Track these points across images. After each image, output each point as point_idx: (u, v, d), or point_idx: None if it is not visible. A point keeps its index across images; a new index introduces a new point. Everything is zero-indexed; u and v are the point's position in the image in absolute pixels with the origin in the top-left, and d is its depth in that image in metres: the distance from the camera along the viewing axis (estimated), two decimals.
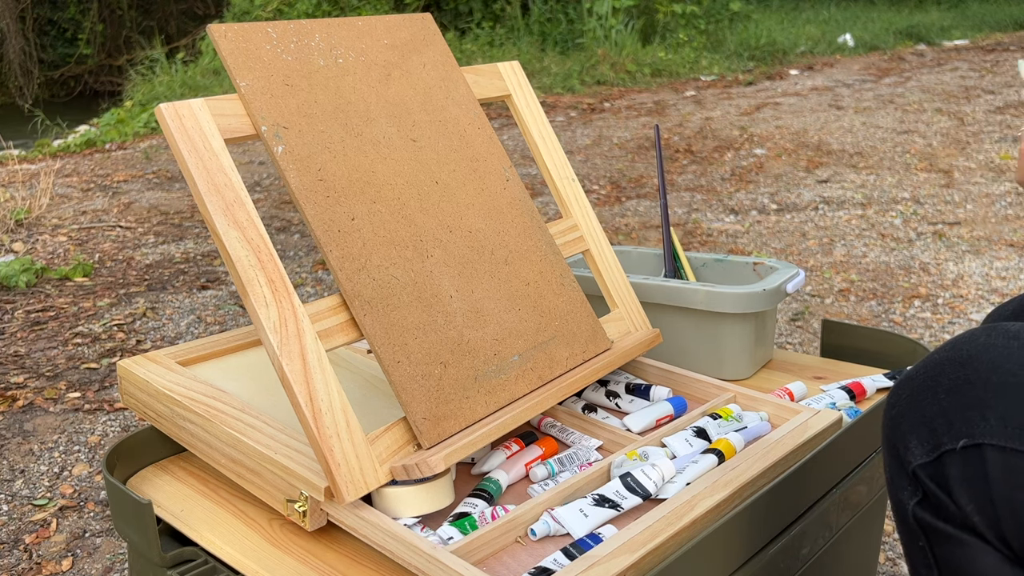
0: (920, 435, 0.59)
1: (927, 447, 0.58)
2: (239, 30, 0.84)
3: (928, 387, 0.59)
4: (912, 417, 0.59)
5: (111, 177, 4.21)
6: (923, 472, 0.59)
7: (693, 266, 1.25)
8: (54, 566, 1.40)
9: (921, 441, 0.59)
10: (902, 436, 0.60)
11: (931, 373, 0.59)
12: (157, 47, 7.66)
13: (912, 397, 0.60)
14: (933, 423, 0.58)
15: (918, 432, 0.59)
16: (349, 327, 0.79)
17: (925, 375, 0.60)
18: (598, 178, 3.89)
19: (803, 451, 0.84)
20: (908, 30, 8.98)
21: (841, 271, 2.63)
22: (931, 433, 0.58)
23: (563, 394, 0.87)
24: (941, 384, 0.58)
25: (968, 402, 0.56)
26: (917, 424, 0.59)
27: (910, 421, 0.59)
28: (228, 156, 0.78)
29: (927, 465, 0.58)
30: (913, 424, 0.59)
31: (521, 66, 1.10)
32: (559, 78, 6.46)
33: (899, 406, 0.61)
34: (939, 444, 0.57)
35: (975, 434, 0.55)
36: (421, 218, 0.87)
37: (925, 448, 0.58)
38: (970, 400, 0.56)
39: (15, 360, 2.18)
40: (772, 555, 0.80)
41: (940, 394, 0.58)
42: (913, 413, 0.59)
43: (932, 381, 0.59)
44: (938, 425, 0.57)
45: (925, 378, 0.60)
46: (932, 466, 0.58)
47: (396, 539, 0.71)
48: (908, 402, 0.60)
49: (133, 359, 0.98)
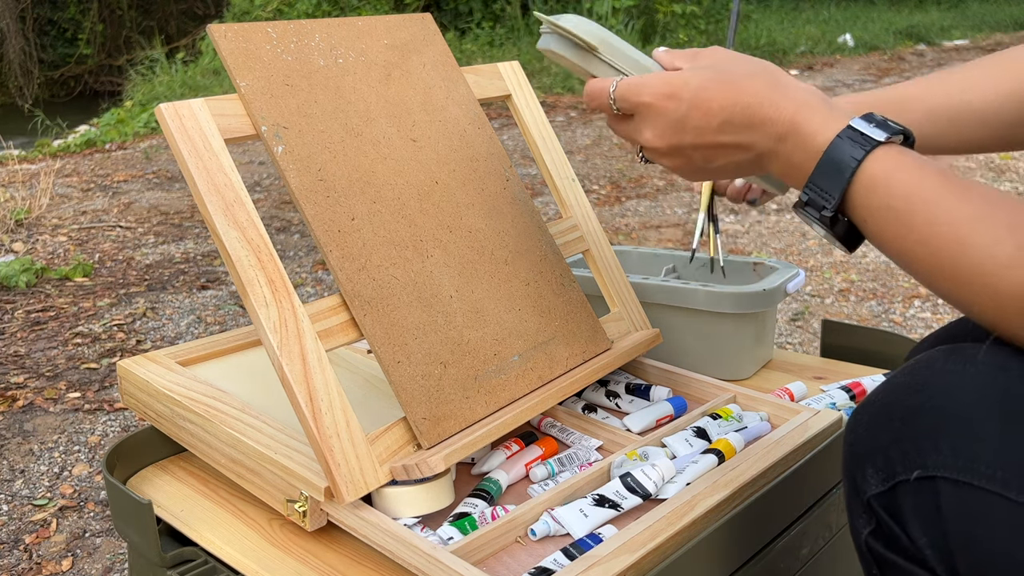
0: (876, 463, 0.57)
1: (882, 476, 0.56)
2: (239, 30, 0.84)
3: (884, 414, 0.57)
4: (868, 445, 0.58)
5: (111, 177, 4.21)
6: (877, 502, 0.57)
7: (694, 266, 1.25)
8: (54, 566, 1.40)
9: (876, 470, 0.57)
10: (859, 464, 0.58)
11: (888, 400, 0.57)
12: (157, 47, 7.66)
13: (869, 424, 0.58)
14: (888, 452, 0.56)
15: (873, 460, 0.57)
16: (349, 327, 0.79)
17: (882, 401, 0.58)
18: (598, 178, 3.89)
19: (803, 451, 0.84)
20: (908, 30, 8.98)
21: (841, 271, 2.63)
22: (886, 462, 0.56)
23: (563, 394, 0.87)
24: (896, 411, 0.56)
25: (922, 431, 0.54)
26: (873, 452, 0.57)
27: (866, 448, 0.58)
28: (228, 156, 0.78)
29: (882, 495, 0.57)
30: (869, 452, 0.57)
31: (521, 66, 1.10)
32: (559, 78, 6.47)
33: (856, 432, 0.59)
34: (894, 474, 0.56)
35: (928, 465, 0.53)
36: (421, 218, 0.87)
37: (880, 477, 0.57)
38: (924, 429, 0.54)
39: (15, 360, 2.18)
40: (772, 555, 0.80)
41: (895, 422, 0.56)
42: (869, 441, 0.58)
43: (888, 408, 0.57)
44: (892, 454, 0.56)
45: (882, 405, 0.58)
46: (886, 496, 0.56)
47: (396, 539, 0.71)
48: (865, 429, 0.58)
49: (133, 359, 0.98)
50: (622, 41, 0.73)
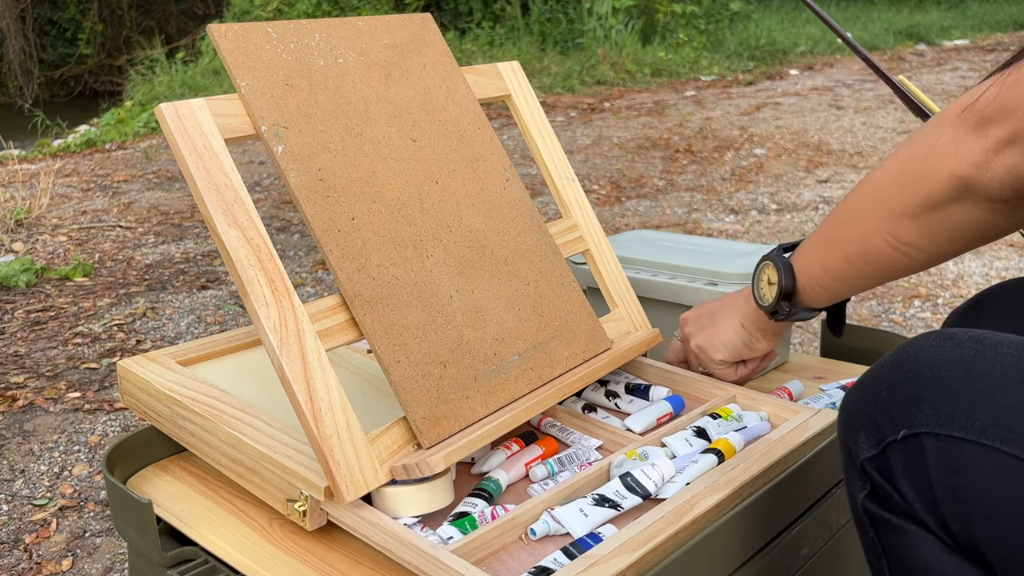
0: (867, 431, 0.63)
1: (873, 440, 0.62)
2: (239, 30, 0.84)
3: (872, 387, 0.63)
4: (860, 415, 0.64)
5: (111, 177, 4.21)
6: (870, 465, 0.63)
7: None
8: (54, 566, 1.40)
9: (868, 436, 0.63)
10: (852, 434, 0.64)
11: (875, 375, 0.64)
12: (157, 47, 7.66)
13: (860, 398, 0.64)
14: (877, 418, 0.62)
15: (865, 428, 0.63)
16: (349, 327, 0.79)
17: (871, 378, 0.64)
18: (598, 178, 3.89)
19: (803, 451, 0.84)
20: (908, 30, 8.98)
21: None
22: (876, 427, 0.62)
23: (563, 394, 0.87)
24: (883, 383, 0.63)
25: (907, 396, 0.60)
26: (864, 421, 0.63)
27: (858, 419, 0.64)
28: (228, 156, 0.78)
29: (874, 458, 0.62)
30: (861, 421, 0.63)
31: (521, 66, 1.10)
32: (559, 78, 6.47)
33: (848, 407, 0.65)
34: (883, 436, 0.61)
35: (913, 424, 0.59)
36: (421, 218, 0.87)
37: (871, 442, 0.62)
38: (908, 395, 0.60)
39: (15, 360, 2.18)
40: (772, 555, 0.80)
41: (882, 391, 0.62)
42: (860, 412, 0.64)
43: (876, 382, 0.63)
44: (881, 420, 0.62)
45: (870, 380, 0.64)
46: (878, 459, 0.62)
47: (396, 539, 0.71)
48: (856, 402, 0.64)
49: (133, 359, 0.98)
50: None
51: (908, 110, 1.10)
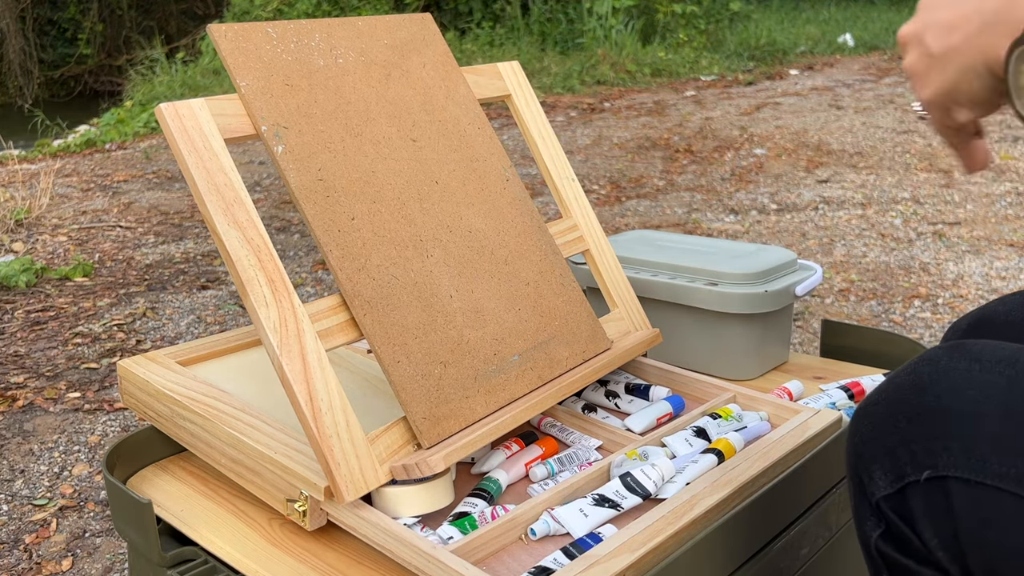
0: (883, 465, 0.56)
1: (890, 478, 0.56)
2: (239, 30, 0.84)
3: (889, 415, 0.57)
4: (874, 446, 0.57)
5: (111, 177, 4.21)
6: (886, 504, 0.57)
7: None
8: (54, 566, 1.40)
9: (884, 472, 0.56)
10: (865, 466, 0.58)
11: (892, 399, 0.57)
12: (157, 47, 7.66)
13: (874, 426, 0.58)
14: (895, 452, 0.55)
15: (881, 462, 0.56)
16: (349, 327, 0.79)
17: (887, 402, 0.57)
18: (598, 178, 3.89)
19: (803, 451, 0.84)
20: None
21: (841, 271, 2.63)
22: (894, 463, 0.56)
23: (563, 394, 0.87)
24: (902, 411, 0.56)
25: (930, 431, 0.54)
26: (880, 454, 0.56)
27: (872, 450, 0.57)
28: (228, 156, 0.78)
29: (891, 497, 0.56)
30: (876, 454, 0.57)
31: (521, 66, 1.10)
32: (559, 78, 6.46)
33: (861, 434, 0.58)
34: (903, 475, 0.55)
35: (939, 465, 0.53)
36: (421, 218, 0.87)
37: (888, 479, 0.56)
38: (932, 429, 0.54)
39: (15, 360, 2.18)
40: (772, 555, 0.80)
41: (901, 422, 0.55)
42: (875, 442, 0.57)
43: (893, 408, 0.56)
44: (901, 455, 0.55)
45: (887, 405, 0.57)
46: (895, 498, 0.56)
47: (396, 539, 0.71)
48: (870, 431, 0.58)
49: (133, 359, 0.98)
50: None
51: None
